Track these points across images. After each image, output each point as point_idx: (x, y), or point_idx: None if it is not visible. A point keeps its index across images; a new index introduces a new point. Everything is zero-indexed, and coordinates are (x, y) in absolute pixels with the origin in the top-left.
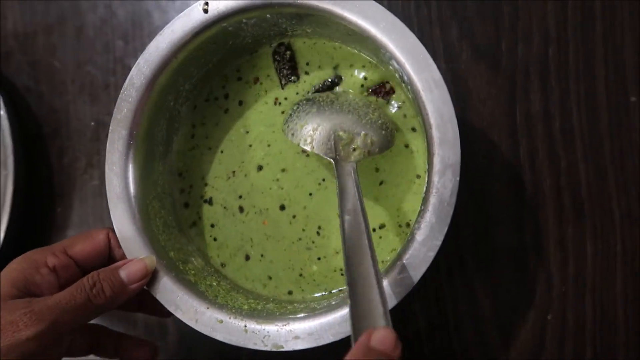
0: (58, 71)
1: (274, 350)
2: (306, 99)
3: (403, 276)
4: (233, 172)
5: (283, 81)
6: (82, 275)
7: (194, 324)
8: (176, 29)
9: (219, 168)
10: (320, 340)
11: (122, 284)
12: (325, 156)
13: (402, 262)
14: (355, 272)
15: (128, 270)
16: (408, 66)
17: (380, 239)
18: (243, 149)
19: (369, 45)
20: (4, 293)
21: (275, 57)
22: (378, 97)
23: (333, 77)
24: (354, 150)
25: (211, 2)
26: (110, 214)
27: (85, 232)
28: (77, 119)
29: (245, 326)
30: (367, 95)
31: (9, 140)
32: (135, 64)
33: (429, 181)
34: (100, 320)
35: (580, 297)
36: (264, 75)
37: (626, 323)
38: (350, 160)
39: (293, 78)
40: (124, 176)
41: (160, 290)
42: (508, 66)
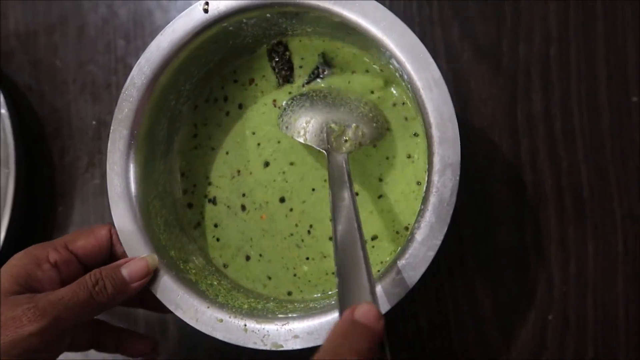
0: (59, 70)
1: (273, 349)
2: (300, 93)
3: (403, 276)
4: (238, 171)
5: (281, 81)
6: (84, 271)
7: (195, 323)
8: (177, 28)
9: (223, 167)
10: (320, 340)
11: (124, 282)
12: (318, 147)
13: (402, 262)
14: (344, 254)
15: (130, 269)
16: (408, 65)
17: (373, 248)
18: (250, 148)
19: (369, 44)
20: (6, 289)
21: (272, 56)
22: None
23: (321, 63)
24: (346, 141)
25: (211, 2)
26: (112, 212)
27: (87, 228)
28: (79, 118)
29: (245, 325)
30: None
31: (10, 139)
32: (137, 63)
33: (429, 180)
34: (101, 316)
35: (582, 297)
36: (259, 76)
37: (627, 323)
38: (342, 151)
39: (291, 79)
40: (125, 175)
41: (160, 289)
42: (509, 66)
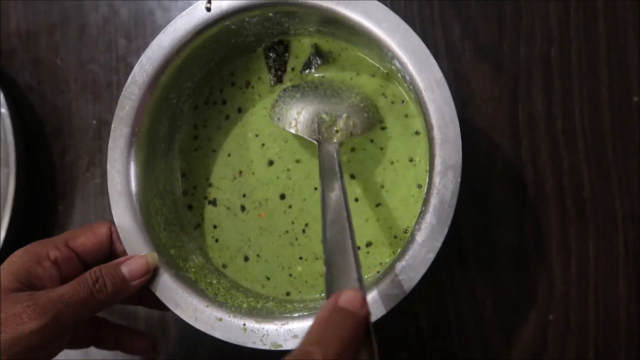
0: (60, 70)
1: (272, 349)
2: (292, 85)
3: (402, 277)
4: (240, 172)
5: (274, 81)
6: (84, 269)
7: (194, 321)
8: (179, 27)
9: (225, 169)
10: None
11: (124, 280)
12: (309, 138)
13: (402, 264)
14: (333, 243)
15: (130, 267)
16: (410, 66)
17: (368, 254)
18: (254, 149)
19: (371, 44)
20: (6, 286)
21: (270, 55)
22: None
23: (314, 53)
24: (337, 131)
25: (214, 1)
26: (112, 210)
27: (88, 225)
28: (79, 118)
29: (244, 325)
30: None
31: (11, 138)
32: (138, 61)
33: (430, 182)
34: (101, 314)
35: (583, 298)
36: (255, 78)
37: (629, 323)
38: (333, 141)
39: (284, 79)
40: (126, 173)
41: (160, 287)
42: (510, 66)
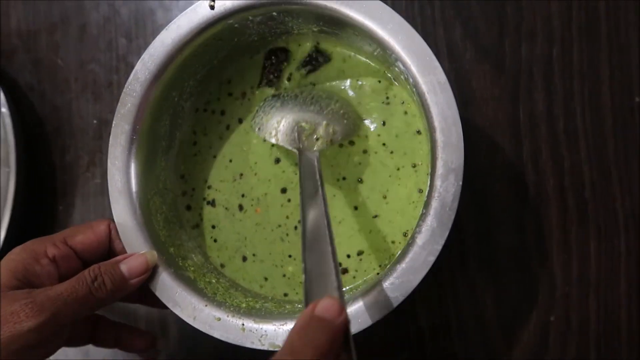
0: (61, 69)
1: (271, 349)
2: (272, 95)
3: (402, 280)
4: (240, 175)
5: (264, 82)
6: (83, 267)
7: (192, 321)
8: (182, 24)
9: (225, 172)
10: None
11: (123, 278)
12: (290, 147)
13: (402, 266)
14: (312, 251)
15: (129, 265)
16: (413, 68)
17: (361, 261)
18: (261, 152)
19: (374, 46)
20: (3, 283)
21: (270, 57)
22: None
23: (314, 51)
24: (317, 139)
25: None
26: (112, 208)
27: (86, 223)
28: (80, 117)
29: (243, 325)
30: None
31: (11, 138)
32: (140, 58)
33: (432, 185)
34: (101, 312)
35: (584, 298)
36: (248, 88)
37: (630, 324)
38: (314, 149)
39: (275, 85)
40: (126, 171)
41: (159, 286)
42: (512, 66)
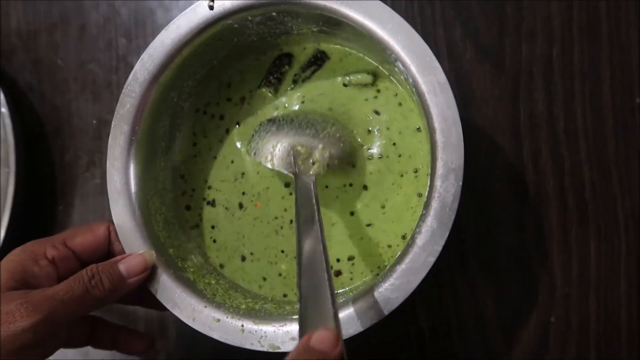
0: (60, 69)
1: (270, 350)
2: (268, 119)
3: (402, 281)
4: (242, 174)
5: (263, 82)
6: (82, 268)
7: (191, 322)
8: (181, 24)
9: (226, 172)
10: None
11: (121, 277)
12: (285, 171)
13: (402, 267)
14: (309, 279)
15: (127, 264)
16: (413, 68)
17: (353, 265)
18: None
19: (374, 46)
20: (2, 284)
21: (276, 62)
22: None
23: (316, 53)
24: (313, 163)
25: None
26: (111, 209)
27: (86, 225)
28: (79, 117)
29: (242, 326)
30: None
31: (10, 138)
32: (139, 59)
33: (431, 186)
34: (100, 314)
35: (584, 298)
36: (247, 92)
37: (630, 324)
38: (309, 173)
39: (271, 90)
40: (125, 172)
41: (158, 287)
42: (512, 66)
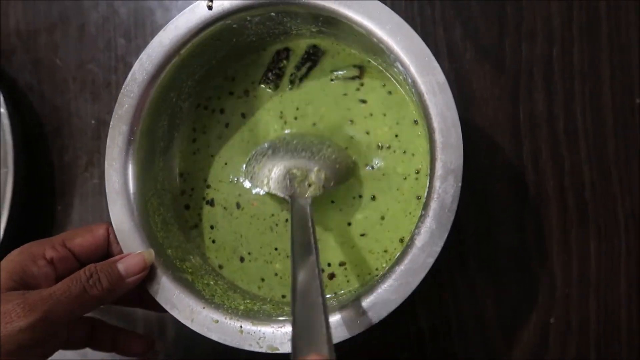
0: (60, 69)
1: (269, 352)
2: (264, 143)
3: (401, 282)
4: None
5: (262, 79)
6: (80, 269)
7: (190, 323)
8: (180, 25)
9: (222, 173)
10: None
11: (120, 276)
12: (282, 194)
13: (401, 268)
14: (303, 303)
15: (126, 264)
16: (412, 68)
17: (345, 269)
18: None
19: (373, 46)
20: (1, 284)
21: (274, 58)
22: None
23: (309, 49)
24: (309, 186)
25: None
26: (109, 210)
27: (85, 226)
28: (78, 117)
29: (241, 327)
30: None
31: (9, 138)
32: (138, 59)
33: (430, 186)
34: (100, 316)
35: (584, 298)
36: (250, 84)
37: (630, 324)
38: (306, 196)
39: (271, 86)
40: (124, 172)
41: (157, 288)
42: (512, 66)
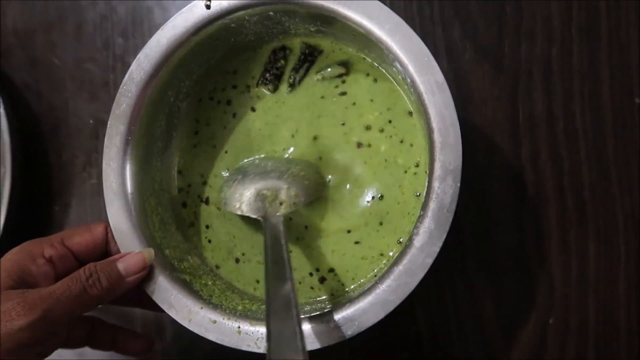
0: (57, 68)
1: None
2: (235, 168)
3: (399, 283)
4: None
5: (260, 81)
6: (80, 268)
7: (187, 323)
8: (178, 24)
9: (221, 165)
10: (312, 345)
11: (120, 275)
12: (255, 215)
13: (400, 268)
14: (277, 317)
15: (126, 263)
16: (411, 68)
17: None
18: (277, 139)
19: (372, 45)
20: (0, 283)
21: (271, 57)
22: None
23: (305, 48)
24: (281, 204)
25: None
26: (106, 210)
27: (84, 225)
28: (76, 117)
29: (239, 327)
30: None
31: (7, 137)
32: (136, 58)
33: (429, 187)
34: (97, 314)
35: (583, 299)
36: (250, 79)
37: (629, 325)
38: (277, 214)
39: (270, 87)
40: (121, 172)
41: (154, 288)
42: (511, 66)
